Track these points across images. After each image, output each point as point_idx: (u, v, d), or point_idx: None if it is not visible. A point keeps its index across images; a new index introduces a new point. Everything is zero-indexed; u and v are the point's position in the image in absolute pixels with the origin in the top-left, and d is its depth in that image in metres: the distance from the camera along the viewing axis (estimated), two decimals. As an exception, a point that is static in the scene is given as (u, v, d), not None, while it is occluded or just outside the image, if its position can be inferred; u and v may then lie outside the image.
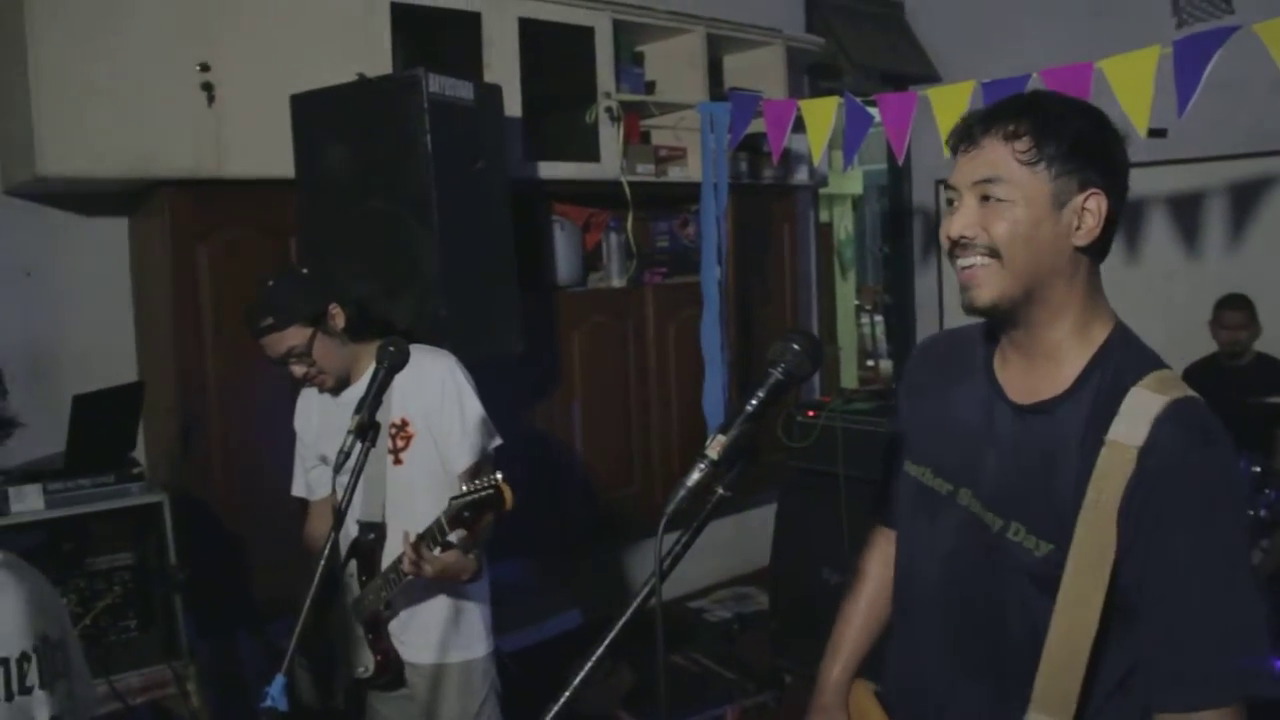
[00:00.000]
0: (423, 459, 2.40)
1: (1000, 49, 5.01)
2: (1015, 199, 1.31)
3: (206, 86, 3.05)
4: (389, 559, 2.35)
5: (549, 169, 3.87)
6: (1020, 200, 1.31)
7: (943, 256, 1.43)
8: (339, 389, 2.43)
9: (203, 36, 3.05)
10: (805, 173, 4.96)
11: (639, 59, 4.54)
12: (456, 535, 2.14)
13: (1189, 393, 1.30)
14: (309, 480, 2.60)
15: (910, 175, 6.11)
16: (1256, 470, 3.49)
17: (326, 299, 2.36)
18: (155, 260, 3.23)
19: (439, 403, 2.38)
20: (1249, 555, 1.33)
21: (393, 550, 2.35)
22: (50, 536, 2.78)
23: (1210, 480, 1.26)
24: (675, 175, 4.36)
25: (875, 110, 3.63)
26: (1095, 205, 1.32)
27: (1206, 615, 1.23)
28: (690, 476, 1.20)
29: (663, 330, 4.37)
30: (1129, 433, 1.27)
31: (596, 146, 4.03)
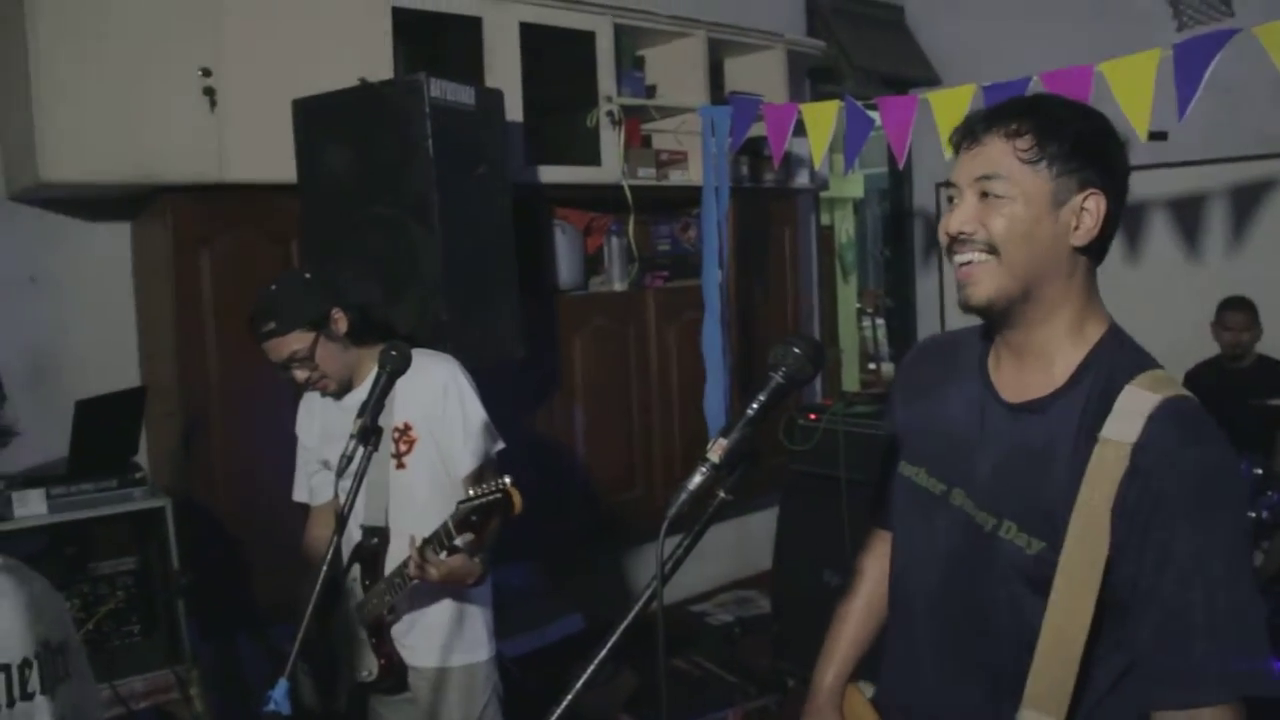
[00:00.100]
0: (425, 463, 2.40)
1: (1001, 52, 5.01)
2: (1015, 196, 1.32)
3: (208, 91, 3.05)
4: (392, 563, 2.35)
5: (550, 173, 3.87)
6: (1020, 197, 1.32)
7: (944, 259, 1.43)
8: (341, 393, 2.43)
9: (204, 41, 3.06)
10: (806, 176, 4.96)
11: (640, 63, 4.54)
12: (463, 539, 2.14)
13: (1183, 391, 1.30)
14: (311, 485, 2.60)
15: (911, 178, 6.11)
16: (1258, 472, 3.48)
17: (329, 303, 2.37)
18: (158, 265, 3.23)
19: (442, 407, 2.38)
20: (1248, 552, 1.32)
21: (396, 554, 2.35)
22: (53, 541, 2.79)
23: (1205, 477, 1.26)
24: (676, 179, 4.36)
25: (876, 114, 3.63)
26: (1094, 205, 1.32)
27: (1203, 612, 1.22)
28: (692, 480, 1.21)
29: (664, 334, 4.37)
30: (1123, 430, 1.27)
31: (598, 150, 4.03)
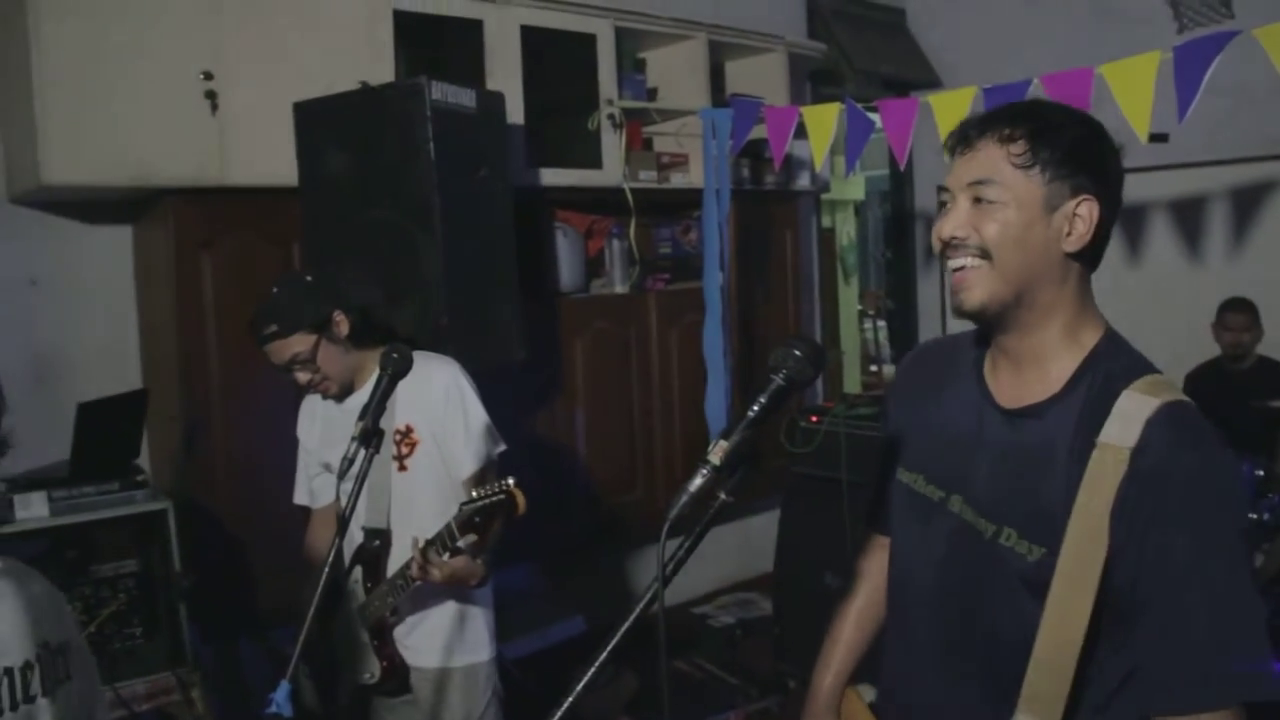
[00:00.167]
0: (427, 465, 2.41)
1: (1001, 55, 5.02)
2: (1007, 201, 1.32)
3: (210, 94, 3.06)
4: (394, 565, 2.36)
5: (551, 176, 3.88)
6: (1012, 203, 1.31)
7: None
8: (343, 396, 2.44)
9: (206, 45, 3.06)
10: (807, 178, 4.96)
11: (641, 66, 4.55)
12: (466, 540, 2.14)
13: (1180, 396, 1.30)
14: (312, 488, 2.60)
15: (912, 180, 6.11)
16: (1259, 474, 3.48)
17: (331, 306, 2.37)
18: (159, 268, 3.24)
19: (443, 409, 2.39)
20: (1247, 556, 1.31)
21: (398, 556, 2.36)
22: (55, 544, 2.79)
23: (1204, 480, 1.25)
24: (677, 181, 4.36)
25: (877, 116, 3.63)
26: (1087, 211, 1.32)
27: (1203, 616, 1.22)
28: (693, 482, 1.20)
29: (665, 336, 4.38)
30: (1121, 434, 1.27)
31: (599, 153, 4.03)
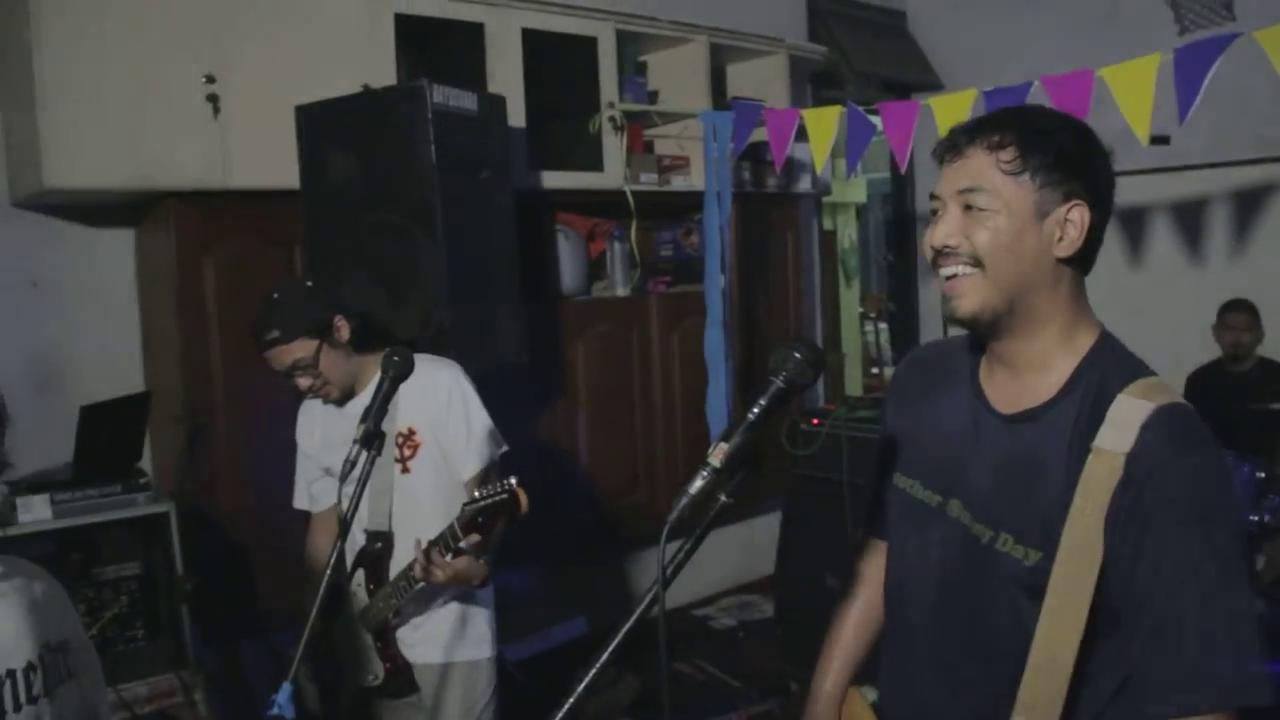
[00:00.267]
0: (430, 467, 2.41)
1: (1002, 57, 5.03)
2: (998, 208, 1.31)
3: (212, 98, 3.07)
4: (396, 567, 2.36)
5: (553, 179, 3.88)
6: (1003, 210, 1.31)
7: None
8: (344, 400, 2.44)
9: (208, 48, 3.07)
10: (808, 181, 4.97)
11: (642, 69, 4.56)
12: (469, 541, 2.15)
13: (1176, 399, 1.29)
14: (312, 492, 2.60)
15: (913, 183, 6.11)
16: (1260, 476, 3.48)
17: (331, 311, 2.37)
18: (161, 271, 3.25)
19: (445, 411, 2.39)
20: (1242, 559, 1.31)
21: (400, 559, 2.36)
22: (58, 546, 2.80)
23: (1199, 484, 1.25)
24: (679, 184, 4.37)
25: (877, 119, 3.63)
26: (1078, 217, 1.31)
27: (1197, 620, 1.22)
28: (693, 484, 1.20)
29: (667, 339, 4.38)
30: (1116, 439, 1.26)
31: (600, 156, 4.04)
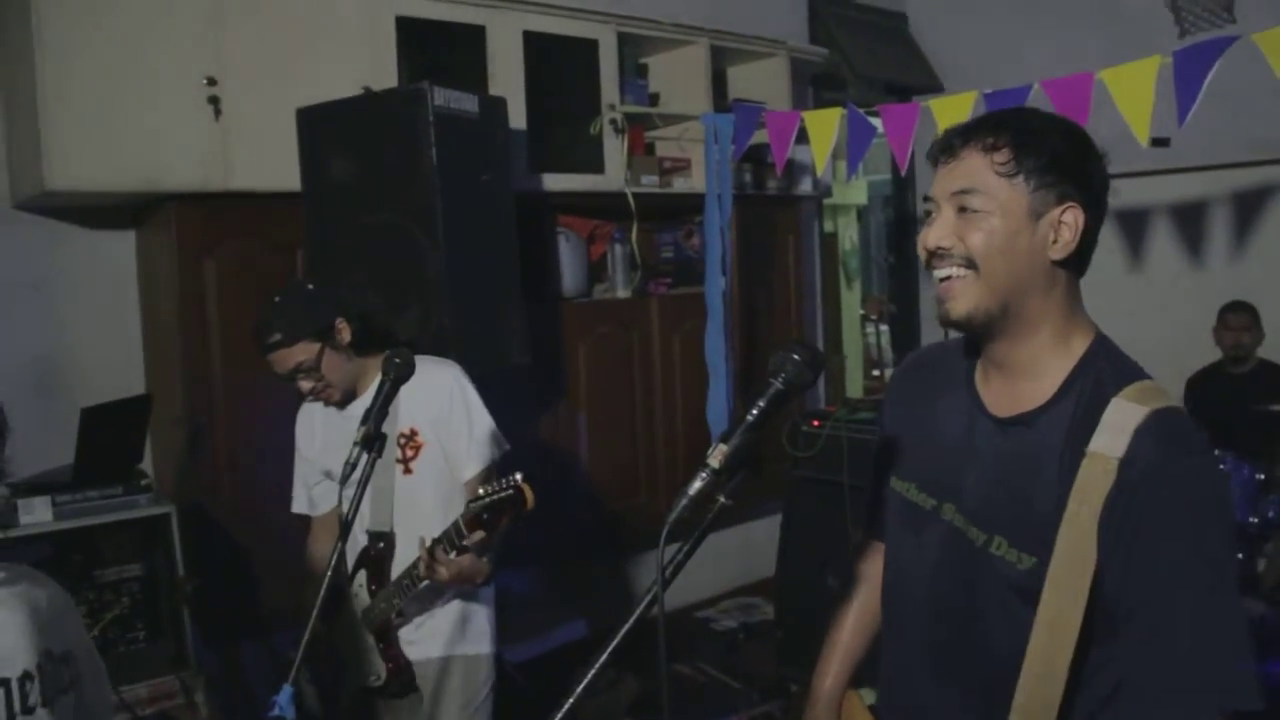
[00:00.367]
0: (432, 468, 2.42)
1: (1003, 59, 5.03)
2: (992, 210, 1.31)
3: (213, 100, 3.07)
4: (399, 568, 2.37)
5: (554, 181, 3.89)
6: (997, 211, 1.31)
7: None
8: (345, 403, 2.44)
9: (209, 50, 3.08)
10: (809, 183, 4.97)
11: (643, 71, 4.56)
12: (474, 538, 2.15)
13: (1170, 403, 1.29)
14: (311, 496, 2.60)
15: (914, 185, 6.12)
16: (1260, 478, 3.48)
17: (333, 314, 2.37)
18: (162, 273, 3.25)
19: (447, 411, 2.40)
20: (1234, 565, 1.31)
21: (402, 559, 2.37)
22: (59, 548, 2.80)
23: (1191, 490, 1.25)
24: (679, 186, 4.37)
25: (878, 121, 3.64)
26: (1072, 219, 1.31)
27: (1189, 626, 1.22)
28: (692, 485, 1.20)
29: (668, 341, 4.38)
30: (1110, 444, 1.26)
31: (601, 158, 4.05)
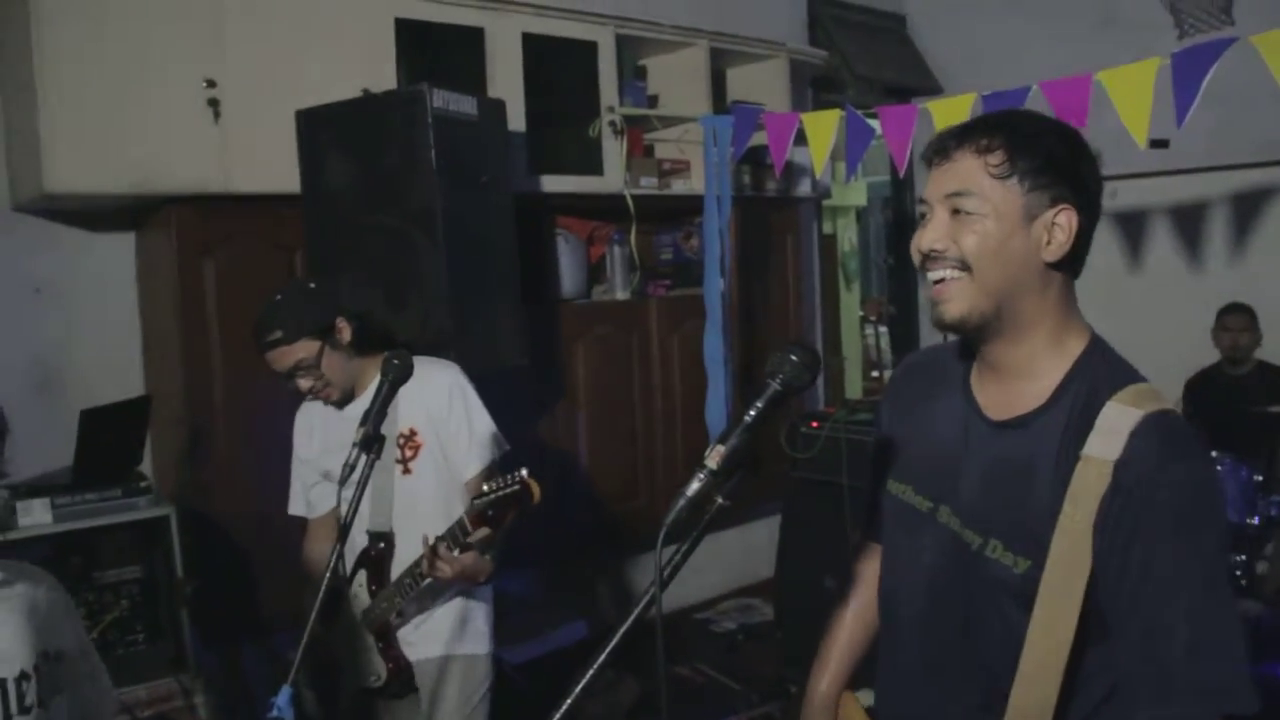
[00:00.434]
0: (431, 468, 2.42)
1: (1002, 62, 5.03)
2: (986, 212, 1.31)
3: (213, 102, 3.08)
4: (398, 568, 2.37)
5: (552, 183, 3.89)
6: (991, 214, 1.30)
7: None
8: (343, 402, 2.45)
9: (208, 52, 3.08)
10: (808, 185, 4.98)
11: (642, 73, 4.57)
12: (478, 535, 2.16)
13: (1165, 406, 1.29)
14: (309, 498, 2.59)
15: (913, 186, 6.12)
16: (1258, 479, 3.49)
17: (334, 312, 2.38)
18: (162, 275, 3.25)
19: (447, 411, 2.40)
20: (1228, 568, 1.31)
21: (402, 559, 2.37)
22: (58, 550, 2.80)
23: (1186, 494, 1.24)
24: (678, 188, 4.38)
25: (877, 123, 3.64)
26: (1066, 221, 1.31)
27: (1183, 630, 1.22)
28: (690, 486, 1.20)
29: (667, 342, 4.38)
30: (1104, 447, 1.26)
31: (600, 160, 4.05)
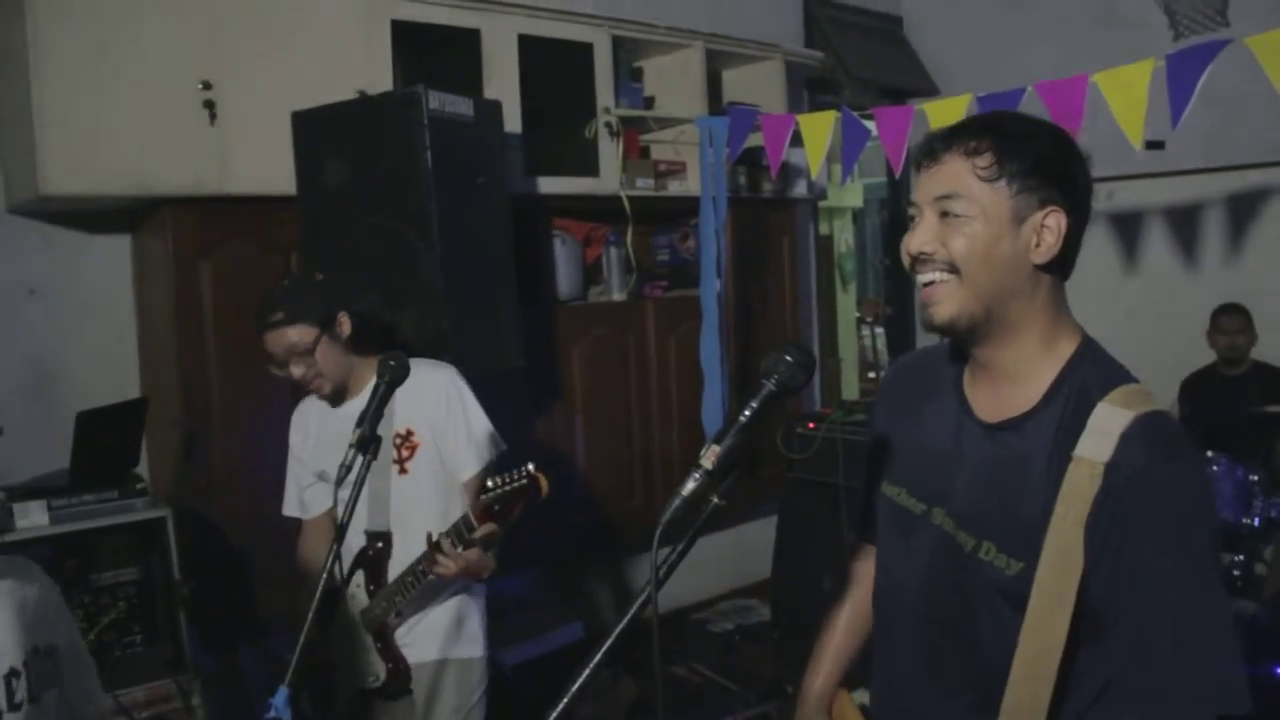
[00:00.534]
0: (428, 467, 2.43)
1: (998, 63, 5.04)
2: (974, 215, 1.31)
3: (208, 104, 3.08)
4: (396, 568, 2.38)
5: (549, 184, 3.89)
6: (979, 216, 1.31)
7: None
8: (335, 398, 2.45)
9: (204, 55, 3.08)
10: (804, 186, 4.98)
11: (638, 74, 4.57)
12: (482, 531, 2.16)
13: (1156, 407, 1.30)
14: (303, 499, 2.60)
15: (909, 188, 6.10)
16: (1253, 479, 3.49)
17: (338, 306, 2.41)
18: (158, 277, 3.25)
19: (444, 412, 2.41)
20: (1219, 568, 1.31)
21: (399, 559, 2.38)
22: (55, 552, 2.80)
23: (1176, 495, 1.25)
24: (674, 189, 4.38)
25: (872, 124, 3.64)
26: (1055, 223, 1.31)
27: (1174, 630, 1.22)
28: (685, 486, 1.20)
29: (663, 343, 4.38)
30: (1095, 449, 1.26)
31: (596, 161, 4.06)
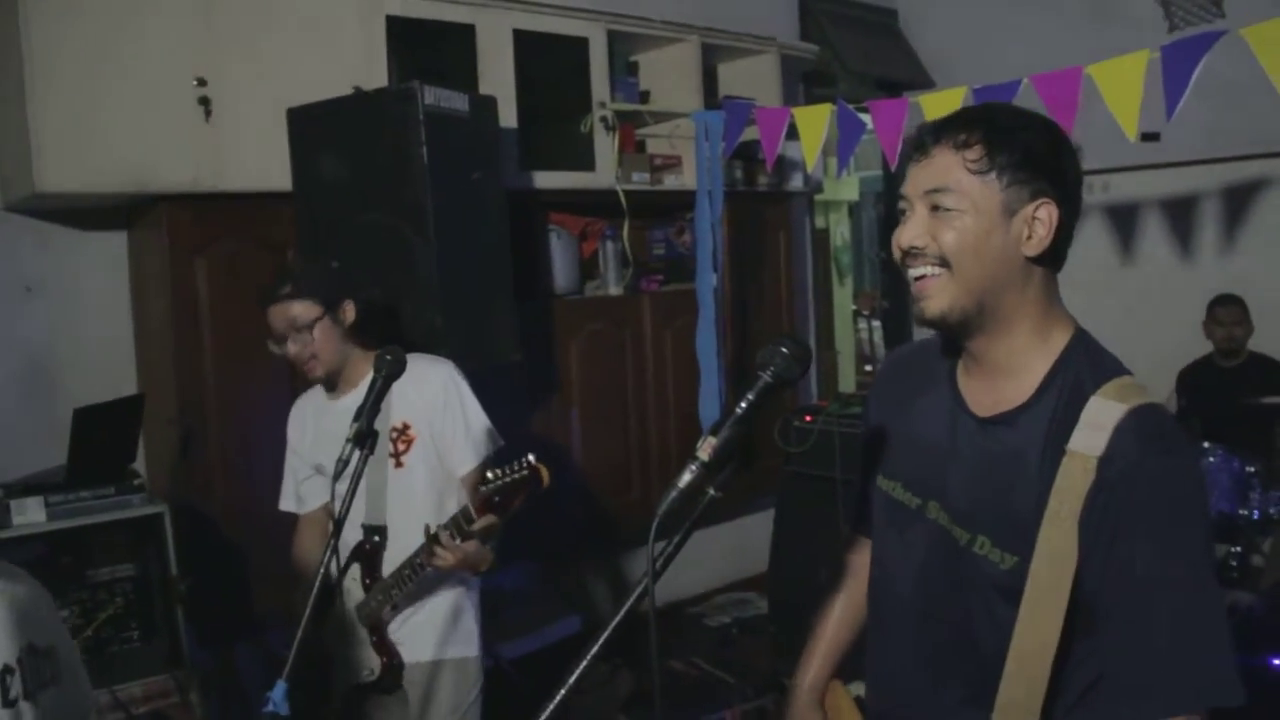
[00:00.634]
0: (424, 461, 2.43)
1: (993, 55, 5.02)
2: (965, 208, 1.31)
3: (204, 101, 3.07)
4: (392, 562, 2.38)
5: (545, 179, 3.89)
6: (970, 209, 1.30)
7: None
8: (328, 384, 2.46)
9: (200, 51, 3.08)
10: (800, 179, 4.98)
11: (633, 68, 4.57)
12: (482, 523, 2.16)
13: (1149, 400, 1.29)
14: (300, 493, 2.61)
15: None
16: (1250, 470, 3.50)
17: (346, 293, 2.43)
18: (154, 273, 3.25)
19: (442, 406, 2.42)
20: (1212, 562, 1.31)
21: (395, 553, 2.38)
22: (51, 549, 2.80)
23: (1170, 488, 1.25)
24: (670, 183, 4.38)
25: (868, 117, 3.64)
26: (1046, 215, 1.31)
27: (1168, 623, 1.22)
28: (681, 478, 1.20)
29: (660, 337, 4.39)
30: (1089, 442, 1.26)
31: (592, 156, 4.05)
